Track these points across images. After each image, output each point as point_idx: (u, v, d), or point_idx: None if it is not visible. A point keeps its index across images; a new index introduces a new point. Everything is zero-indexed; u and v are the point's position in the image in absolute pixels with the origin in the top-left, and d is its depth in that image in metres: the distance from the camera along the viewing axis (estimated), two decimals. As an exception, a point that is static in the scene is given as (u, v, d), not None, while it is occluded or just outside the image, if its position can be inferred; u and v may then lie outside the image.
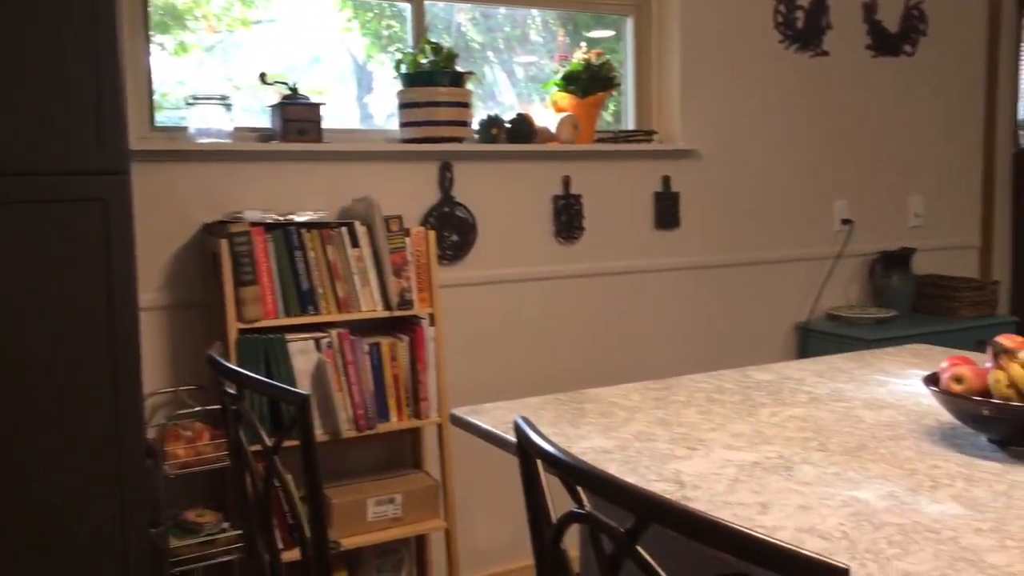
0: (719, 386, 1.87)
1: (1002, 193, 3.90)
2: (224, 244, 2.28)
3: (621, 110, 3.31)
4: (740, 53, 3.26)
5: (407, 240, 2.52)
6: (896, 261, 3.48)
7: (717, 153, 3.25)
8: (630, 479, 1.31)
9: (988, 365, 1.41)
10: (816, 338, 3.35)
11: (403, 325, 2.57)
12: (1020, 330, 3.53)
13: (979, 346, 3.11)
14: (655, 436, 1.52)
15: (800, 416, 1.62)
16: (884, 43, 3.53)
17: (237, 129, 2.57)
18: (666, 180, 3.16)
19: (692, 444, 1.47)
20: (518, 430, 0.96)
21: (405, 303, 2.50)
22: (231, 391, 1.41)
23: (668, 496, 1.23)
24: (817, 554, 0.61)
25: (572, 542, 2.10)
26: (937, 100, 3.68)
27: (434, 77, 2.66)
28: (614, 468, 1.36)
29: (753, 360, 3.29)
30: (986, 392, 1.39)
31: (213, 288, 2.40)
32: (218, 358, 1.43)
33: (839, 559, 1.01)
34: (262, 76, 2.54)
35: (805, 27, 3.36)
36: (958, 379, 1.42)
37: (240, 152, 2.51)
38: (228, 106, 2.50)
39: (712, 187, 3.25)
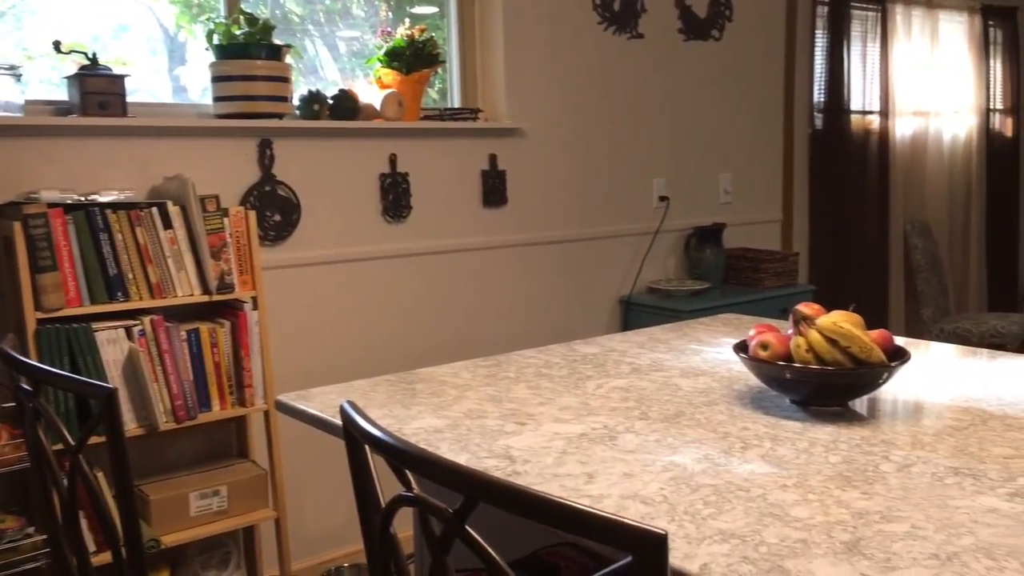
0: (547, 361, 1.91)
1: (800, 171, 4.20)
2: (18, 227, 2.09)
3: (447, 88, 3.29)
4: (561, 33, 3.32)
5: (226, 221, 2.40)
6: (709, 235, 3.68)
7: (542, 132, 3.30)
8: (461, 457, 1.32)
9: (790, 332, 1.51)
10: (638, 311, 3.50)
11: (224, 310, 2.45)
12: (818, 297, 3.83)
13: (783, 314, 3.35)
14: (486, 413, 1.53)
15: (623, 387, 1.68)
16: (694, 27, 3.69)
17: (29, 102, 2.35)
18: (493, 158, 3.18)
19: (522, 419, 1.49)
20: (344, 414, 0.94)
21: (225, 287, 2.38)
22: (26, 387, 1.30)
23: (499, 472, 1.24)
24: (638, 522, 0.63)
25: (409, 523, 2.09)
26: (742, 83, 3.90)
27: (250, 50, 2.54)
28: (445, 447, 1.36)
29: (580, 334, 3.39)
30: (789, 357, 1.49)
31: (7, 275, 2.20)
32: (9, 351, 1.30)
33: (660, 523, 1.06)
34: (56, 44, 2.33)
35: (621, 9, 3.46)
36: (764, 346, 1.51)
37: (33, 127, 2.30)
38: (18, 76, 2.28)
39: (537, 165, 3.31)
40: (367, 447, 0.92)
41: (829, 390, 1.46)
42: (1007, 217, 5.23)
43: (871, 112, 4.42)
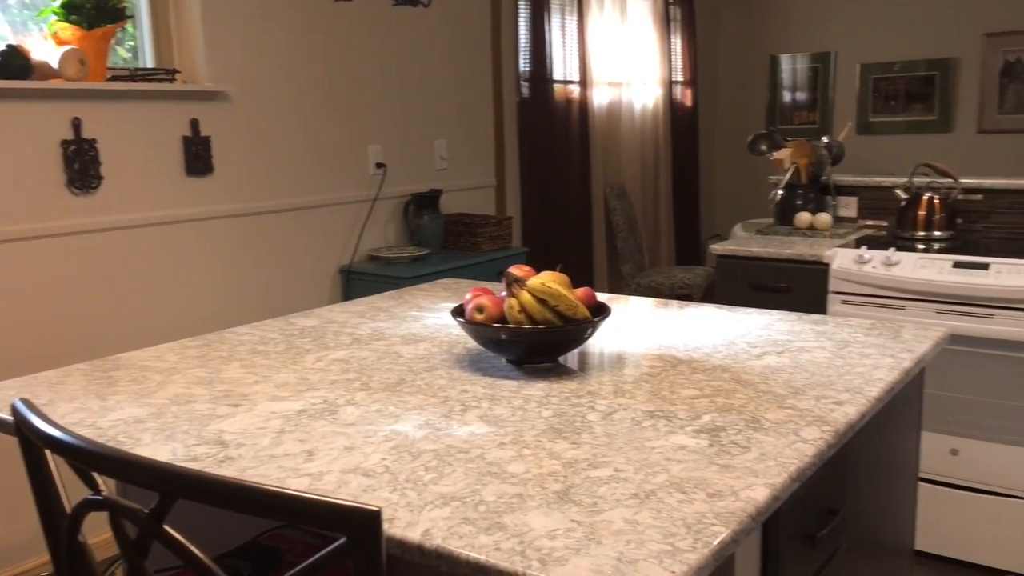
0: (263, 337, 1.83)
1: (510, 138, 4.36)
2: None
3: (139, 46, 3.01)
4: (265, -8, 3.15)
5: None
6: (427, 202, 3.71)
7: (248, 95, 3.13)
8: (168, 447, 1.22)
9: (503, 294, 1.56)
10: (359, 279, 3.46)
11: None
12: (531, 259, 4.02)
13: (500, 276, 3.48)
14: (195, 397, 1.43)
15: (343, 358, 1.65)
16: (404, -7, 3.68)
17: None
18: (194, 123, 2.97)
19: (235, 400, 1.41)
20: (16, 414, 0.82)
21: None
22: None
23: (210, 459, 1.17)
24: (349, 501, 0.60)
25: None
26: (452, 51, 3.96)
27: None
28: (149, 438, 1.25)
29: (300, 307, 3.29)
30: (503, 318, 1.53)
31: None
32: None
33: (382, 494, 1.05)
34: None
35: (329, -30, 3.36)
36: (480, 309, 1.55)
37: None
38: None
39: (246, 131, 3.14)
40: (46, 449, 0.81)
41: (541, 348, 1.53)
42: (690, 180, 5.81)
43: (572, 82, 4.68)
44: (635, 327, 1.84)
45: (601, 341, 1.73)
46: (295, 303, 3.32)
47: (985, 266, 2.59)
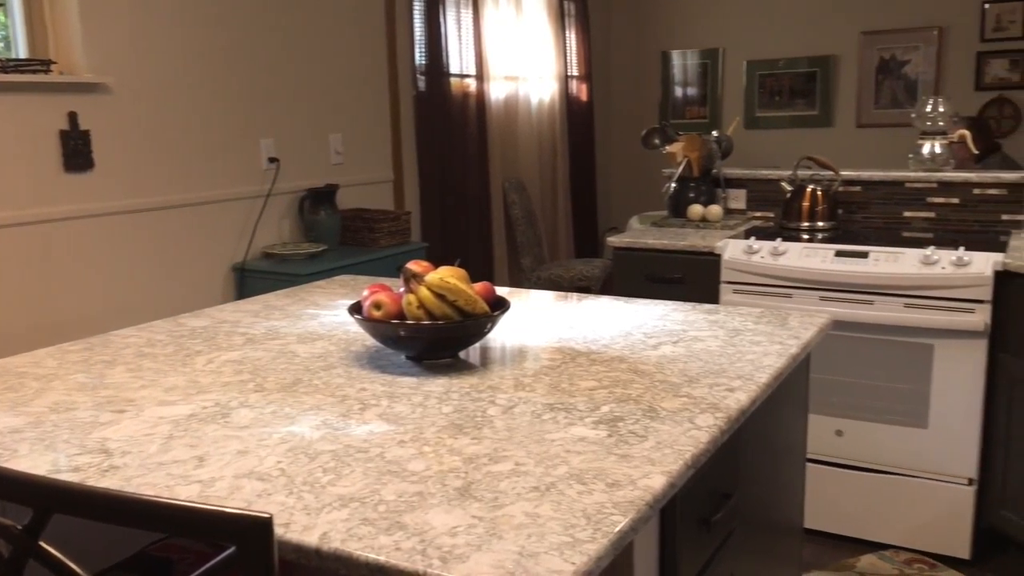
0: (150, 339, 1.75)
1: (407, 131, 4.32)
2: None
3: (11, 36, 2.84)
4: (147, -21, 3.02)
5: None
6: (323, 197, 3.64)
7: (132, 88, 3.00)
8: (47, 458, 1.15)
9: (402, 290, 1.54)
10: (254, 277, 3.36)
11: None
12: (430, 253, 4.00)
13: (399, 272, 3.44)
14: (76, 404, 1.36)
15: (236, 359, 1.60)
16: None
17: None
18: (73, 117, 2.82)
19: (120, 406, 1.35)
20: None
21: None
22: None
23: (93, 469, 1.11)
24: (237, 509, 0.58)
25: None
26: (346, 43, 3.89)
27: None
28: (26, 449, 1.18)
29: (190, 307, 3.18)
30: (402, 315, 1.51)
31: None
32: None
33: (277, 498, 1.02)
34: None
35: (215, -42, 3.25)
36: (377, 305, 1.52)
37: None
38: None
39: (129, 124, 3.00)
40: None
41: (440, 343, 1.52)
42: (587, 174, 5.88)
43: (468, 75, 4.67)
44: (535, 320, 1.85)
45: (501, 335, 1.73)
46: (185, 303, 3.20)
47: (864, 255, 2.72)
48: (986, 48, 5.23)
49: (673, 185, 3.44)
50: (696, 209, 3.34)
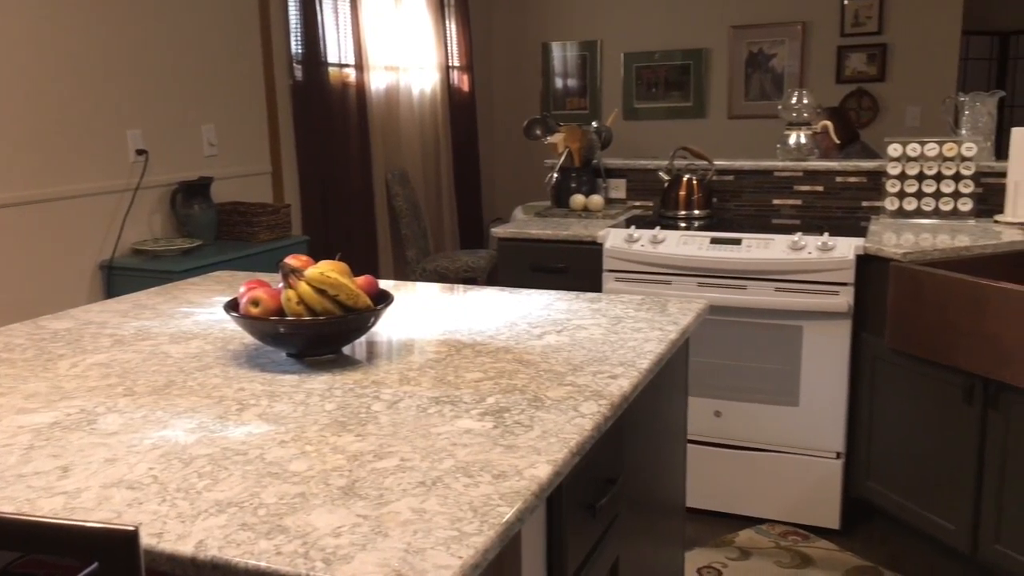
0: (7, 343, 1.64)
1: (285, 122, 4.21)
2: None
3: None
4: (-5, -41, 2.82)
5: None
6: (196, 190, 3.50)
7: (-20, 75, 2.80)
8: None
9: (281, 286, 1.50)
10: (123, 276, 3.21)
11: None
12: (312, 247, 3.91)
13: (279, 267, 3.35)
14: (-77, 417, 1.26)
15: (104, 362, 1.51)
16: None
17: None
18: (-86, 106, 2.61)
19: (-27, 417, 1.26)
20: None
21: None
22: None
23: (-58, 487, 1.03)
24: (102, 522, 0.55)
25: None
26: (218, 30, 3.75)
27: None
28: None
29: (53, 308, 3.00)
30: (281, 311, 1.47)
31: None
32: None
33: (149, 507, 0.97)
34: None
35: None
36: (255, 302, 1.47)
37: None
38: None
39: (-21, 115, 2.80)
40: None
41: (322, 339, 1.48)
42: (471, 164, 5.88)
43: (347, 65, 4.58)
44: (420, 313, 1.83)
45: (386, 329, 1.71)
46: (46, 304, 3.02)
47: (738, 241, 2.82)
48: (845, 43, 5.51)
49: (555, 175, 3.48)
50: (578, 199, 3.39)
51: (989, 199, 3.04)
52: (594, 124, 3.58)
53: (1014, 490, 2.27)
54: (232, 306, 1.52)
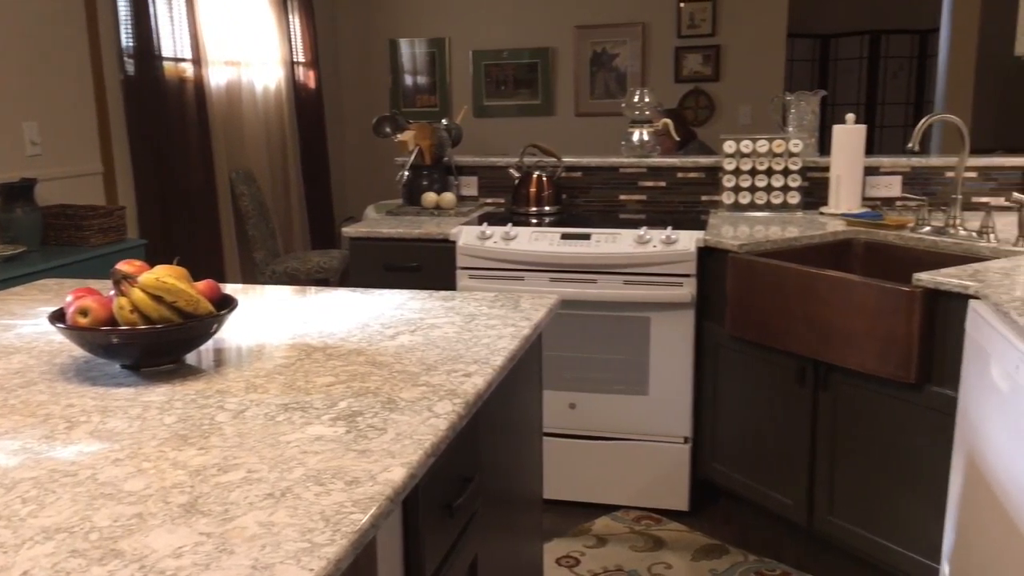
0: None
1: (117, 119, 3.97)
2: None
3: None
4: None
5: None
6: (18, 193, 3.24)
7: None
8: None
9: (112, 293, 1.41)
10: (-66, 286, 2.93)
11: None
12: (150, 251, 3.71)
13: (110, 274, 3.15)
14: None
15: (-91, 383, 1.38)
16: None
17: None
18: None
19: None
20: None
21: None
22: None
23: None
24: None
25: None
26: (38, 21, 3.49)
27: None
28: None
29: None
30: (113, 320, 1.38)
31: None
32: None
33: (-37, 541, 0.89)
34: None
35: None
36: (83, 312, 1.38)
37: None
38: None
39: None
40: None
41: (159, 349, 1.40)
42: (320, 162, 5.75)
43: (184, 59, 4.37)
44: (269, 317, 1.77)
45: (232, 335, 1.64)
46: None
47: (587, 236, 2.89)
48: (682, 44, 5.75)
49: (406, 173, 3.45)
50: (430, 197, 3.37)
51: (815, 192, 3.24)
52: (444, 121, 3.58)
53: (843, 465, 2.43)
54: (58, 316, 1.42)
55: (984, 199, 3.10)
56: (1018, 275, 2.06)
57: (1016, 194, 2.42)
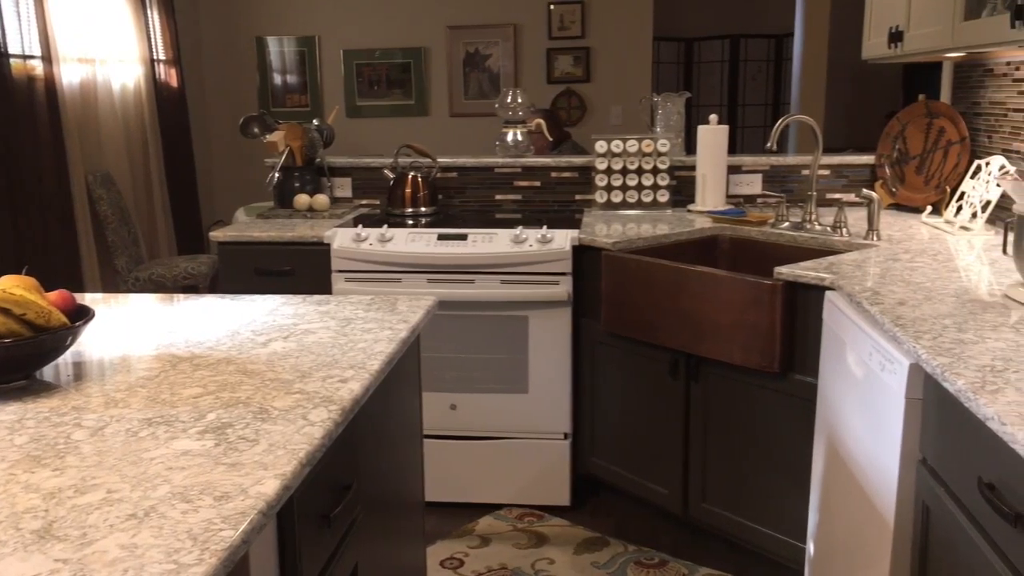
0: None
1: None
2: None
3: None
4: None
5: None
6: None
7: None
8: None
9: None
10: None
11: None
12: (-1, 261, 3.47)
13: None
14: None
15: None
16: None
17: None
18: None
19: None
20: None
21: None
22: None
23: None
24: None
25: None
26: None
27: None
28: None
29: None
30: (-47, 336, 1.28)
31: None
32: None
33: None
34: None
35: None
36: (-81, 327, 1.27)
37: None
38: None
39: None
40: None
41: (9, 365, 1.31)
42: (185, 164, 5.52)
43: (32, 56, 4.11)
44: (132, 327, 1.68)
45: (91, 348, 1.55)
46: None
47: (464, 236, 2.89)
48: (554, 45, 5.84)
49: (277, 175, 3.35)
50: (303, 199, 3.29)
51: (683, 190, 3.35)
52: (315, 122, 3.50)
53: (715, 454, 2.52)
54: None
55: (837, 195, 3.28)
56: (869, 266, 2.19)
57: (865, 190, 2.57)
